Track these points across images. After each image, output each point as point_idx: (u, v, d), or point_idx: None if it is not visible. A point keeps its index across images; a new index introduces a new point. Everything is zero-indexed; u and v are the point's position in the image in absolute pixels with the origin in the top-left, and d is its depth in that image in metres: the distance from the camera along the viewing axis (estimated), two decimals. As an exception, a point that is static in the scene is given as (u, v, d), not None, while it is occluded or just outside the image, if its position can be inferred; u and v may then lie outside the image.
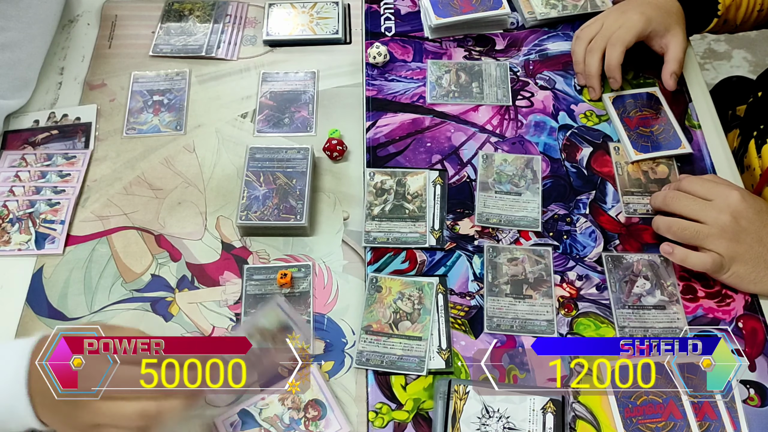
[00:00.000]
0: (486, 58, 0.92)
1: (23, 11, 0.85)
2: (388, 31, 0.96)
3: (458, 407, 0.65)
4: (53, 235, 0.77)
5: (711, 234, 0.70)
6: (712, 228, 0.70)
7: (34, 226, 0.77)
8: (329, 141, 0.83)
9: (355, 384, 0.68)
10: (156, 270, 0.76)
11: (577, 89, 0.89)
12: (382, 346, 0.70)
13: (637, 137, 0.84)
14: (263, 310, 0.67)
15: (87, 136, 0.86)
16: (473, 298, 0.73)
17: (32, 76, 0.89)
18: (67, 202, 0.79)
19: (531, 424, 0.64)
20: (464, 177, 0.82)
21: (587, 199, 0.80)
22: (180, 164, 0.84)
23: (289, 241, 0.77)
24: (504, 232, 0.77)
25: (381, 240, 0.76)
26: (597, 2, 0.96)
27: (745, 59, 2.00)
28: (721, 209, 0.71)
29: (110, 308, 0.73)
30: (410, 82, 0.90)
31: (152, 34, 0.96)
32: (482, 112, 0.87)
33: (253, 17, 0.98)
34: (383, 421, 0.66)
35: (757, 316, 0.72)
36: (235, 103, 0.89)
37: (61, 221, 0.78)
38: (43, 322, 0.72)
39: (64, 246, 0.77)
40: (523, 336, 0.70)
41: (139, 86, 0.90)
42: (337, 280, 0.75)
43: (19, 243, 0.76)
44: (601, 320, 0.72)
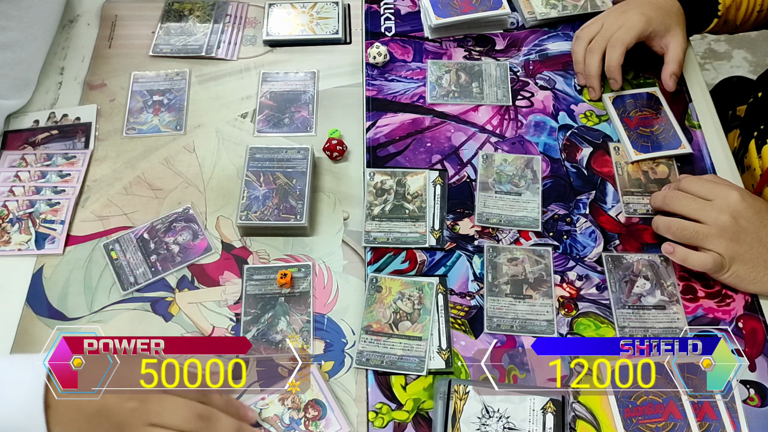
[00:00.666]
0: (486, 58, 0.92)
1: (24, 11, 0.85)
2: (388, 31, 0.96)
3: (458, 407, 0.65)
4: (53, 235, 0.77)
5: (710, 234, 0.70)
6: (712, 228, 0.70)
7: (34, 226, 0.77)
8: (329, 141, 0.83)
9: (355, 384, 0.68)
10: (156, 270, 0.76)
11: (577, 89, 0.89)
12: (382, 346, 0.70)
13: (637, 137, 0.84)
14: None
15: (87, 136, 0.86)
16: (473, 298, 0.73)
17: (33, 77, 0.89)
18: (67, 202, 0.79)
19: (531, 424, 0.64)
20: (464, 177, 0.82)
21: (587, 199, 0.80)
22: (180, 164, 0.84)
23: (289, 241, 0.77)
24: (504, 232, 0.77)
25: (381, 240, 0.76)
26: (597, 2, 0.96)
27: (745, 59, 2.00)
28: (721, 209, 0.70)
29: (110, 308, 0.73)
30: (410, 82, 0.90)
31: (152, 34, 0.96)
32: (482, 112, 0.87)
33: (253, 17, 0.98)
34: (383, 421, 0.66)
35: (757, 316, 0.72)
36: (235, 103, 0.89)
37: (61, 221, 0.78)
38: (43, 322, 0.72)
39: (64, 246, 0.77)
40: (523, 336, 0.70)
41: (139, 86, 0.90)
42: (337, 280, 0.75)
43: (19, 243, 0.76)
44: (601, 320, 0.72)
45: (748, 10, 0.90)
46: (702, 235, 0.70)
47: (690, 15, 0.88)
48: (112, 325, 0.72)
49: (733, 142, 0.94)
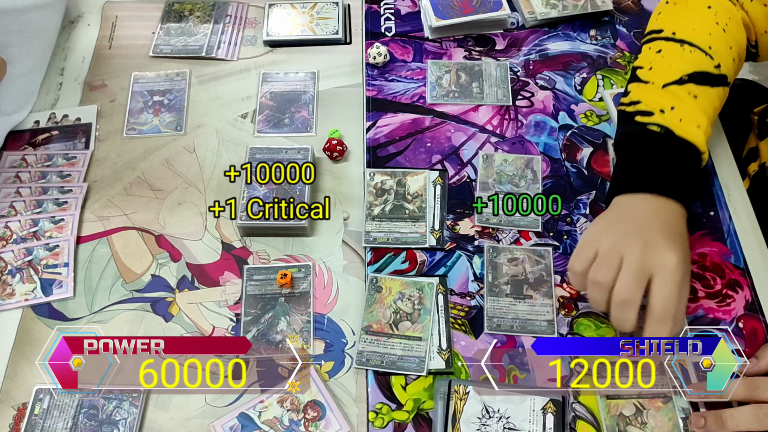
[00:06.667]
0: (486, 58, 0.92)
1: (24, 26, 0.84)
2: (388, 32, 0.96)
3: (458, 407, 0.65)
4: (59, 279, 0.74)
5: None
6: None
7: (37, 273, 0.74)
8: (329, 141, 0.83)
9: (355, 384, 0.68)
10: (156, 270, 0.76)
11: (578, 89, 0.89)
12: (382, 346, 0.69)
13: (638, 137, 0.84)
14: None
15: (87, 137, 0.86)
16: (473, 299, 0.73)
17: (33, 89, 0.89)
18: (66, 244, 0.76)
19: (531, 425, 0.64)
20: (464, 177, 0.82)
21: (587, 199, 0.80)
22: (180, 165, 0.84)
23: (289, 242, 0.77)
24: (504, 232, 0.77)
25: (381, 240, 0.76)
26: (597, 2, 0.96)
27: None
28: None
29: (110, 309, 0.73)
30: (410, 82, 0.90)
31: (152, 35, 0.96)
32: (482, 112, 0.87)
33: (253, 17, 0.98)
34: (383, 422, 0.66)
35: (757, 316, 0.72)
36: (236, 104, 0.89)
37: (64, 263, 0.75)
38: (43, 322, 0.72)
39: (74, 288, 0.74)
40: (523, 336, 0.70)
41: (139, 87, 0.90)
42: (337, 280, 0.75)
43: (25, 293, 0.73)
44: (601, 320, 0.72)
45: None
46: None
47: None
48: (113, 325, 0.72)
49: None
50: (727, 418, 0.62)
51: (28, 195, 0.80)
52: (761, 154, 0.90)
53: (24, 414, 0.66)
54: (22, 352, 0.70)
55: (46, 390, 0.66)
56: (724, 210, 0.79)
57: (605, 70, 0.91)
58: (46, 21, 0.89)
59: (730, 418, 0.61)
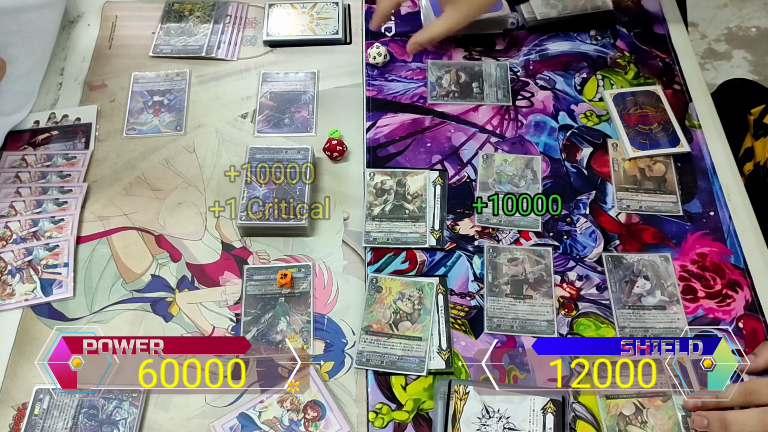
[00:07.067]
0: (486, 58, 0.92)
1: (24, 26, 0.84)
2: (388, 32, 0.96)
3: (458, 407, 0.65)
4: (59, 279, 0.74)
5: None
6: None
7: (37, 273, 0.74)
8: (329, 141, 0.83)
9: (355, 384, 0.68)
10: (156, 270, 0.76)
11: (578, 89, 0.89)
12: (382, 346, 0.69)
13: (636, 134, 0.84)
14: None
15: (87, 137, 0.86)
16: (473, 299, 0.73)
17: (33, 89, 0.89)
18: (66, 244, 0.76)
19: (531, 425, 0.64)
20: (464, 177, 0.82)
21: (587, 199, 0.80)
22: (180, 165, 0.84)
23: (289, 242, 0.77)
24: (504, 233, 0.77)
25: (381, 240, 0.76)
26: (597, 2, 0.96)
27: (745, 59, 2.00)
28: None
29: (110, 309, 0.73)
30: (410, 82, 0.90)
31: (152, 35, 0.96)
32: (482, 112, 0.87)
33: (253, 17, 0.98)
34: (383, 422, 0.66)
35: (757, 316, 0.72)
36: (235, 104, 0.89)
37: (64, 263, 0.75)
38: (43, 322, 0.72)
39: (74, 288, 0.74)
40: (523, 336, 0.70)
41: (139, 87, 0.90)
42: (337, 280, 0.75)
43: (25, 293, 0.73)
44: (601, 320, 0.72)
45: None
46: None
47: None
48: (113, 325, 0.72)
49: (764, 152, 0.90)
50: (731, 422, 0.60)
51: (28, 195, 0.80)
52: (756, 154, 0.90)
53: (24, 414, 0.66)
54: (22, 352, 0.70)
55: (46, 390, 0.66)
56: (723, 210, 0.79)
57: (605, 70, 0.91)
58: (46, 21, 0.89)
59: (734, 423, 0.60)
